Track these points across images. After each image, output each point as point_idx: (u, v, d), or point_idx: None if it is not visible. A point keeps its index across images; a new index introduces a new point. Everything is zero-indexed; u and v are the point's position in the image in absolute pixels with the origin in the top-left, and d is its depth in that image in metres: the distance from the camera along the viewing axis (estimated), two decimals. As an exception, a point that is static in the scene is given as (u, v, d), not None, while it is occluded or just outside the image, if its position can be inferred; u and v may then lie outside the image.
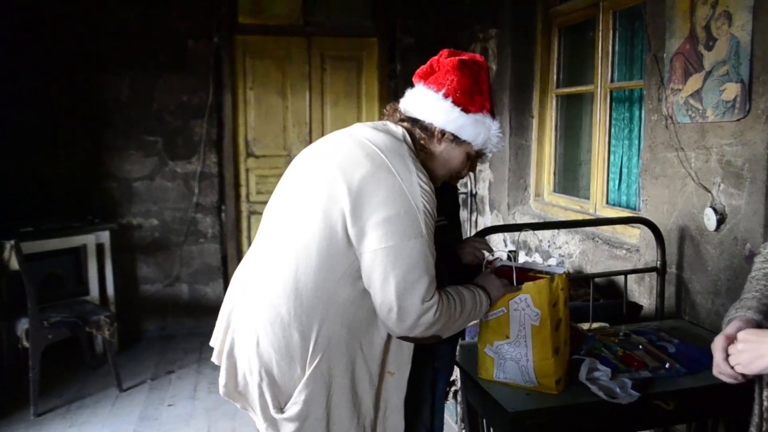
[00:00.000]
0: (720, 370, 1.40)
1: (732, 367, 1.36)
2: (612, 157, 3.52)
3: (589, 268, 3.32)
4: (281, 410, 1.58)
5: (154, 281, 4.94)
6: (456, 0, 4.93)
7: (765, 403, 1.39)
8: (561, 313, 1.74)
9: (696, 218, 2.54)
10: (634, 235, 3.08)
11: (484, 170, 4.67)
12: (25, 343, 3.60)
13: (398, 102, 1.71)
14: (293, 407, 1.56)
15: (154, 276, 4.94)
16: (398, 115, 1.67)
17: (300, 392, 1.56)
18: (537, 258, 3.95)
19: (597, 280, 3.26)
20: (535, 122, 4.17)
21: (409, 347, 1.65)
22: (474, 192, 4.88)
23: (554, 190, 4.14)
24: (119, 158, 4.75)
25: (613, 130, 3.52)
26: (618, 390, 1.82)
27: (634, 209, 3.26)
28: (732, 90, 2.31)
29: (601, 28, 3.47)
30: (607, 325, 2.27)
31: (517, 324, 1.73)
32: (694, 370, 1.98)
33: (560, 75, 4.06)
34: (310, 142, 5.24)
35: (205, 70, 4.79)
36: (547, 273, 1.79)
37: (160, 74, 4.74)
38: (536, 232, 3.96)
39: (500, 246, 4.52)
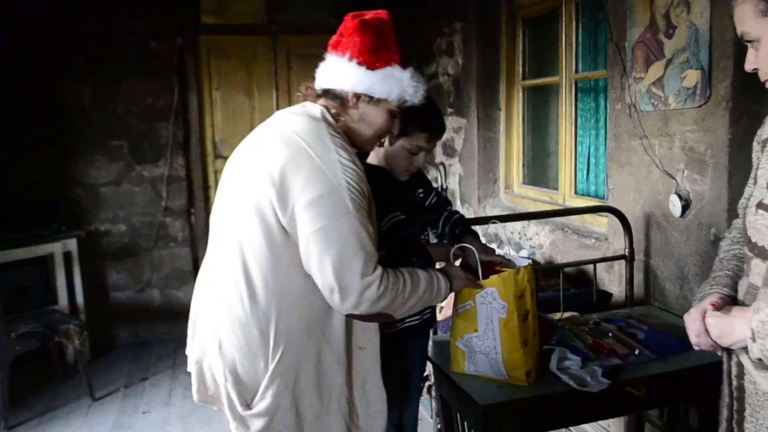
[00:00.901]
0: (699, 340, 1.42)
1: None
2: (580, 148, 3.54)
3: (560, 258, 3.34)
4: (248, 407, 1.58)
5: (125, 288, 4.86)
6: (421, -5, 4.93)
7: (735, 382, 1.41)
8: (528, 305, 1.75)
9: (662, 205, 2.56)
10: (603, 224, 3.11)
11: (454, 164, 4.68)
12: (-8, 356, 3.52)
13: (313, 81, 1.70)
14: (261, 403, 1.56)
15: (125, 282, 4.86)
16: (312, 92, 1.67)
17: (266, 387, 1.57)
18: (509, 250, 3.97)
19: (567, 269, 3.28)
20: (502, 115, 4.18)
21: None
22: (444, 186, 4.88)
23: (524, 182, 4.16)
24: (84, 164, 4.66)
25: (579, 120, 3.54)
26: (589, 378, 1.83)
27: (603, 198, 3.28)
28: (692, 77, 2.33)
29: (564, 18, 3.49)
30: (577, 314, 2.28)
31: (485, 317, 1.72)
32: (663, 355, 2.00)
33: (526, 67, 4.08)
34: (279, 141, 5.22)
35: (169, 71, 4.72)
36: (509, 265, 1.79)
37: (124, 77, 4.65)
38: (506, 224, 3.97)
39: (473, 239, 4.52)
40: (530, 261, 1.78)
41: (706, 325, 1.38)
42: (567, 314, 2.28)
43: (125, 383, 4.13)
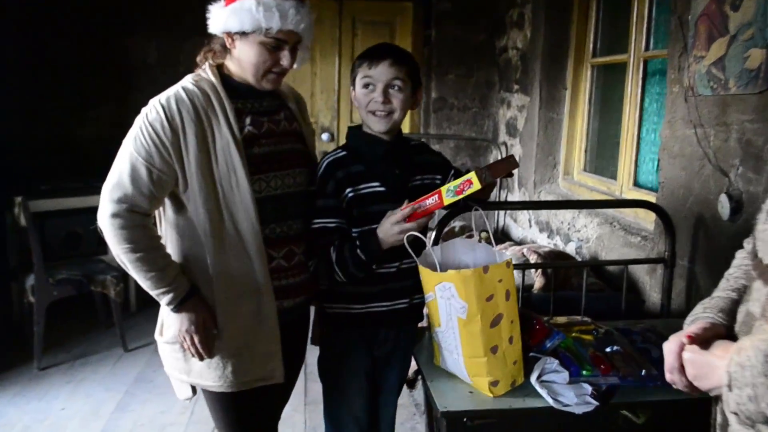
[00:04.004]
0: (673, 377, 1.16)
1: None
2: (652, 136, 3.14)
3: (604, 255, 3.02)
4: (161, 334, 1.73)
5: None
6: (497, -38, 4.61)
7: (718, 418, 1.14)
8: (502, 308, 1.50)
9: (711, 205, 2.22)
10: (653, 221, 2.76)
11: (515, 145, 4.38)
12: (31, 298, 3.64)
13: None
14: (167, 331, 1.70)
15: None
16: (213, 48, 1.73)
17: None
18: (558, 241, 3.66)
19: (611, 268, 2.99)
20: (567, 94, 3.84)
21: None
22: (505, 168, 4.59)
23: (585, 169, 3.81)
24: (145, 120, 4.72)
25: (650, 105, 3.16)
26: (573, 396, 1.59)
27: (660, 193, 2.92)
28: (757, 57, 1.97)
29: (636, -12, 3.11)
30: (588, 319, 2.01)
31: (445, 313, 1.51)
32: (674, 379, 1.71)
33: (597, 42, 3.71)
34: (338, 109, 5.06)
35: (232, 32, 4.67)
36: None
37: (188, 37, 4.60)
38: (557, 212, 3.67)
39: (524, 225, 4.24)
40: (509, 257, 1.53)
41: (682, 361, 1.12)
42: (576, 318, 2.00)
43: (161, 337, 4.17)
